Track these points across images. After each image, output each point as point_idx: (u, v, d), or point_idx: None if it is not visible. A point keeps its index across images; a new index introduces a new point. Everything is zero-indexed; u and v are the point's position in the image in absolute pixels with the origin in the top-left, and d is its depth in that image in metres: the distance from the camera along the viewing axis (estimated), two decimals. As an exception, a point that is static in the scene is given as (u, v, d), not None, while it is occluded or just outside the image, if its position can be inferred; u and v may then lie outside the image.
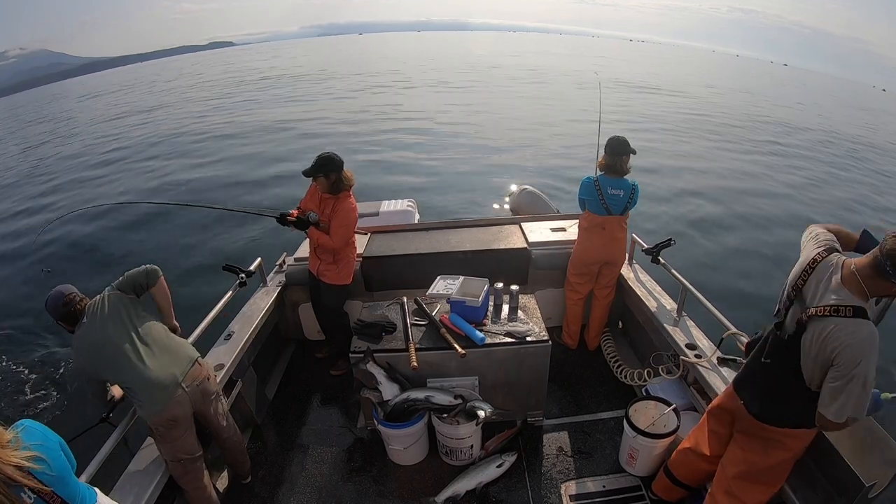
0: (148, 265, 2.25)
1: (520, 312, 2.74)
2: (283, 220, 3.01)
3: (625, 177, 3.12)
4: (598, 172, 3.20)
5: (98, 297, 2.17)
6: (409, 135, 14.59)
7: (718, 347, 2.59)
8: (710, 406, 2.10)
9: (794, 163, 13.07)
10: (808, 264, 1.57)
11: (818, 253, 1.57)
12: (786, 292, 1.64)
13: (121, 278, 2.21)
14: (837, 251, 1.59)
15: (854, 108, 33.34)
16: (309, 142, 13.46)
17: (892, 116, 32.07)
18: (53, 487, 1.19)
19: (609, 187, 3.11)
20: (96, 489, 1.42)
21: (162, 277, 2.27)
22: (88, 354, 2.06)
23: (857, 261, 1.49)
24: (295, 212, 3.09)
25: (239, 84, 31.97)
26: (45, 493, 1.18)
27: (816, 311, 1.49)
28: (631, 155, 3.12)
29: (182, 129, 16.88)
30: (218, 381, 2.45)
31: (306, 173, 2.94)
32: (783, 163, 12.94)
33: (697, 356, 2.61)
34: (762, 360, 1.68)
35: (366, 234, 3.75)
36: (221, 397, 2.38)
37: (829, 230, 1.68)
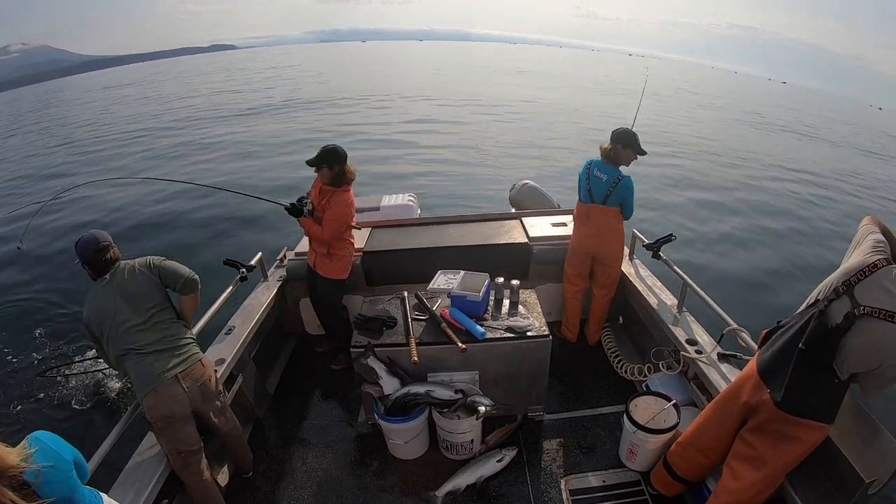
0: (190, 274, 2.25)
1: (520, 307, 2.74)
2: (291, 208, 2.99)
3: (619, 168, 3.10)
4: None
5: (131, 263, 2.16)
6: (408, 133, 14.56)
7: (719, 343, 2.59)
8: (719, 397, 2.08)
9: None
10: (868, 267, 1.61)
11: (879, 259, 1.61)
12: (834, 286, 1.67)
13: (164, 263, 2.21)
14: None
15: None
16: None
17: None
18: None
19: (596, 169, 3.10)
20: (102, 494, 1.40)
21: (198, 291, 2.30)
22: (96, 315, 2.07)
23: None
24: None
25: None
26: None
27: (872, 311, 1.54)
28: (638, 155, 3.09)
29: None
30: (219, 375, 2.44)
31: (310, 163, 2.95)
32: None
33: (698, 352, 2.61)
34: (800, 346, 1.68)
35: (360, 228, 3.73)
36: (223, 395, 2.37)
37: (883, 231, 1.74)
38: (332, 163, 2.91)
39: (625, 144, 3.04)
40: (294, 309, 3.72)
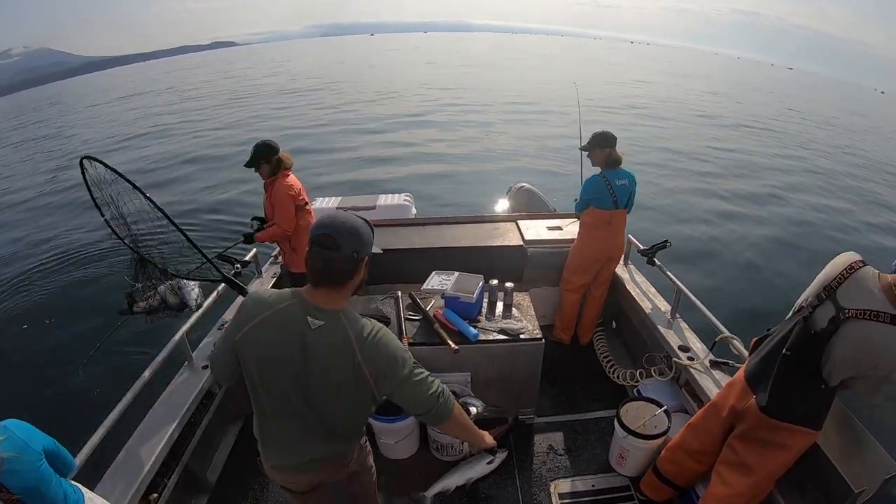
0: (435, 400, 1.47)
1: (514, 310, 2.73)
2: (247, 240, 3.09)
3: (622, 167, 3.13)
4: (599, 170, 3.16)
5: (349, 331, 1.38)
6: (407, 132, 14.56)
7: (711, 350, 2.60)
8: (709, 403, 2.09)
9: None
10: (846, 269, 1.63)
11: (856, 262, 1.63)
12: (816, 291, 1.68)
13: (400, 387, 1.46)
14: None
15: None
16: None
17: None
18: (24, 498, 1.09)
19: (616, 179, 3.11)
20: (83, 488, 1.34)
21: (451, 418, 1.53)
22: (258, 354, 1.45)
23: (893, 276, 1.56)
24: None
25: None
26: (12, 502, 1.08)
27: (856, 313, 1.55)
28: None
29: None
30: None
31: (248, 164, 3.03)
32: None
33: (690, 358, 2.62)
34: (784, 352, 1.69)
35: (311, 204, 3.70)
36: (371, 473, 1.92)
37: None
38: (268, 157, 3.00)
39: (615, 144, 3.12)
40: None
